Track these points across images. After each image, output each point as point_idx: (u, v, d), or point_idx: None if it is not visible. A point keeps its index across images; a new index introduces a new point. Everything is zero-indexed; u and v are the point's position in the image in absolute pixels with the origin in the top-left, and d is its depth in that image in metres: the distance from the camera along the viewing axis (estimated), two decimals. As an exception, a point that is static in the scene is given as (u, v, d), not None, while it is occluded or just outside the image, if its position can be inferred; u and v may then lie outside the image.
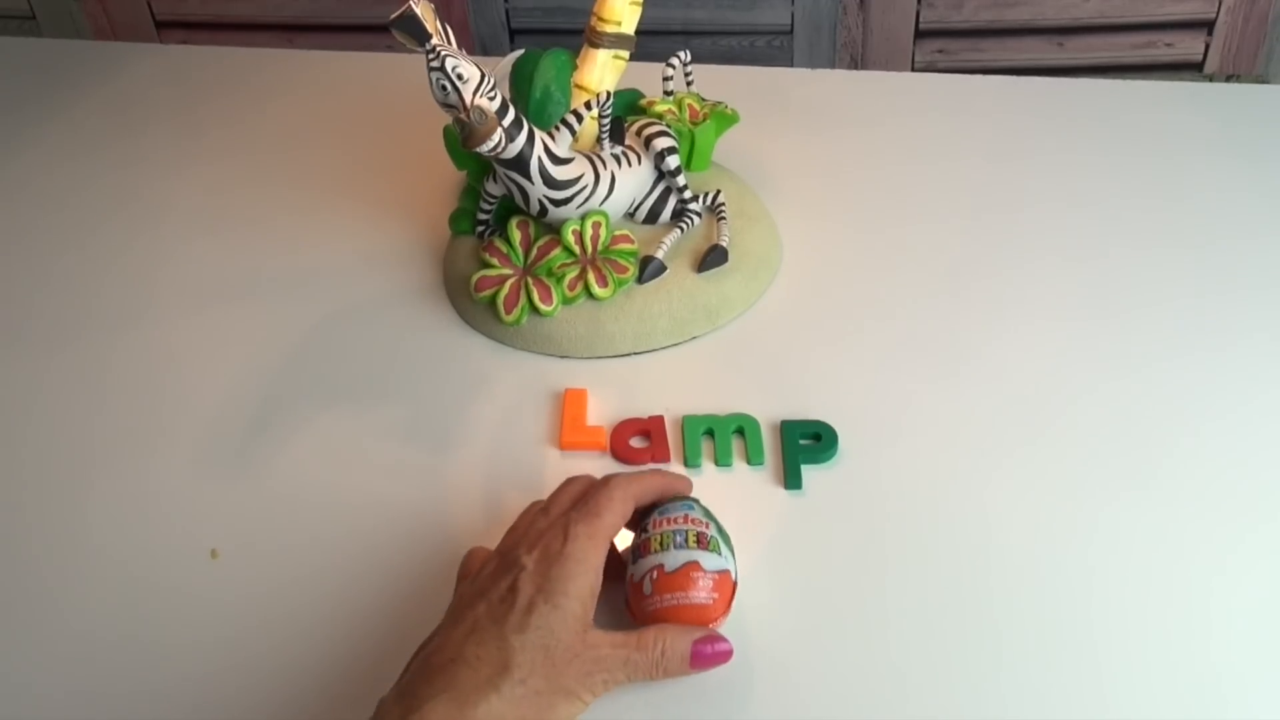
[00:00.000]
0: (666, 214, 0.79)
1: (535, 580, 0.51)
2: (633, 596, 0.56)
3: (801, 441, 0.67)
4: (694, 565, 0.54)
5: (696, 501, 0.58)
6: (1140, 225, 0.84)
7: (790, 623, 0.58)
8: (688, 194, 0.78)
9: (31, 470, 0.69)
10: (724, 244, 0.77)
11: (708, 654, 0.53)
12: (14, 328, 0.80)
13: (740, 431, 0.68)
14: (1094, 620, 0.58)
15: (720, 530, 0.57)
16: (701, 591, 0.54)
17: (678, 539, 0.55)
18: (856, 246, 0.83)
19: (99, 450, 0.70)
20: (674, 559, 0.54)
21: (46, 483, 0.68)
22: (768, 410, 0.69)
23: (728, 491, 0.65)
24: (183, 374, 0.75)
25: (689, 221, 0.78)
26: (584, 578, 0.52)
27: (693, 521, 0.56)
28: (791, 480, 0.65)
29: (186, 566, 0.63)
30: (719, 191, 0.81)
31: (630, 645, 0.52)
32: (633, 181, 0.77)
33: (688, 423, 0.69)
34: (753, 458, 0.67)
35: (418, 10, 0.64)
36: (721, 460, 0.67)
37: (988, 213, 0.85)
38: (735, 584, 0.56)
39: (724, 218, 0.79)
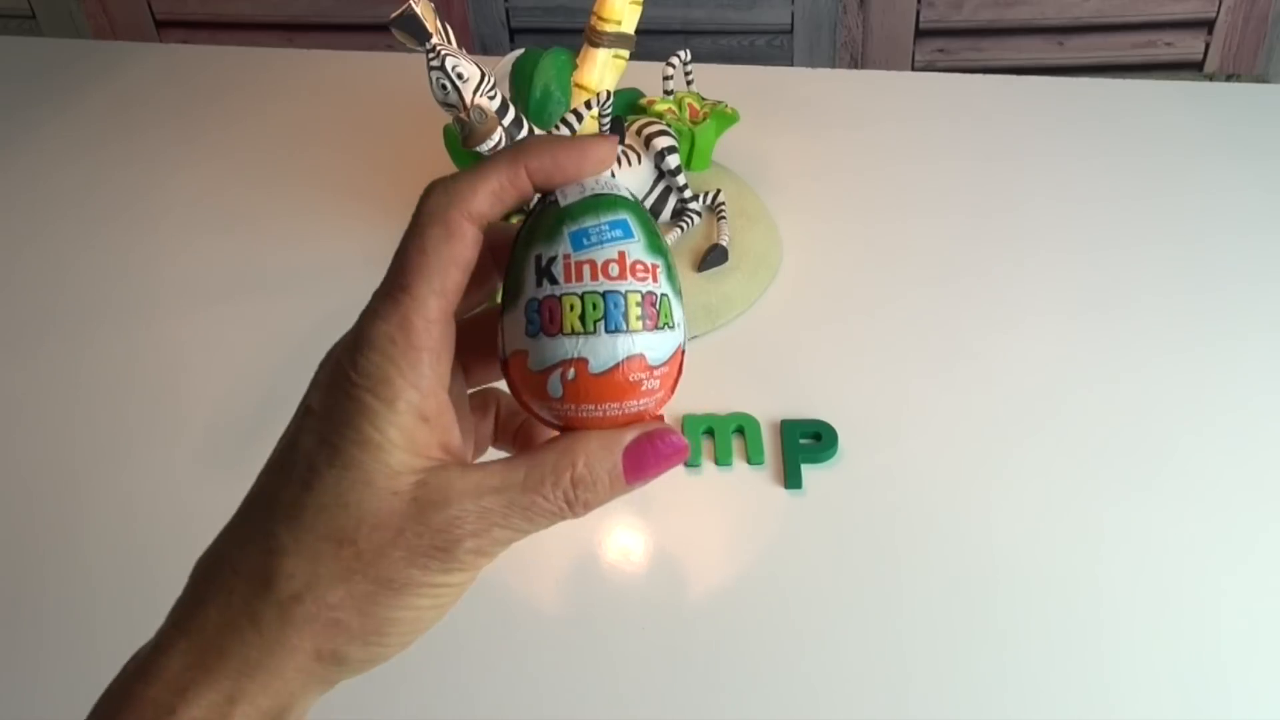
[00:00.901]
0: (666, 213, 0.79)
1: (317, 421, 0.32)
2: (524, 390, 0.34)
3: (801, 441, 0.67)
4: (637, 361, 0.33)
5: (626, 202, 0.34)
6: (1140, 224, 0.84)
7: (791, 622, 0.58)
8: (688, 193, 0.78)
9: (31, 469, 0.69)
10: (724, 243, 0.77)
11: (649, 457, 0.34)
12: (14, 326, 0.80)
13: (740, 431, 0.68)
14: (1096, 618, 0.58)
15: (668, 266, 0.34)
16: (645, 395, 0.33)
17: (611, 309, 0.32)
18: (856, 246, 0.83)
19: (99, 449, 0.70)
20: (605, 350, 0.32)
21: (46, 482, 0.68)
22: (768, 410, 0.69)
23: (728, 491, 0.65)
24: (183, 373, 0.75)
25: (689, 221, 0.78)
26: (396, 391, 0.31)
27: (636, 269, 0.33)
28: (791, 480, 0.65)
29: (187, 567, 0.63)
30: (719, 191, 0.81)
31: (515, 481, 0.32)
32: (633, 181, 0.77)
33: (688, 422, 0.69)
34: (753, 457, 0.67)
35: (418, 10, 0.64)
36: (721, 460, 0.67)
37: (988, 212, 0.85)
38: (684, 351, 0.35)
39: (724, 217, 0.79)
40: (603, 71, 0.79)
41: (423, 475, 0.31)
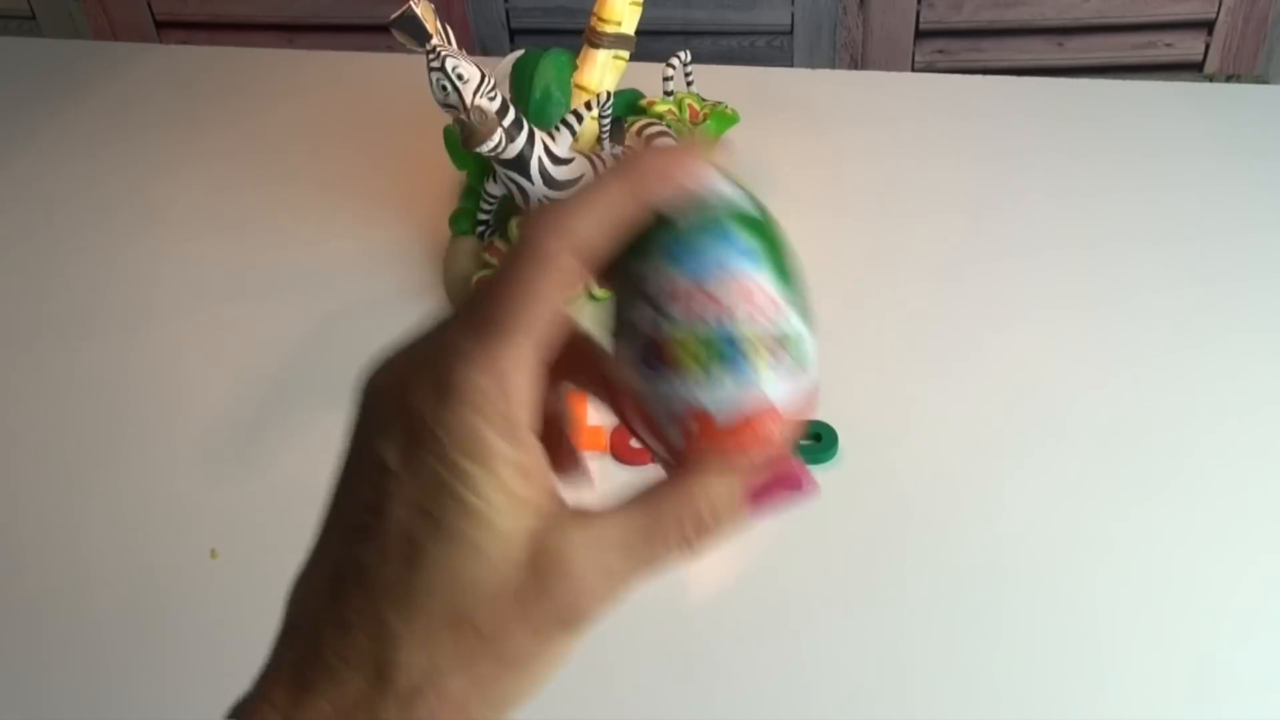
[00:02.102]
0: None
1: (406, 488, 0.28)
2: (642, 431, 0.31)
3: (801, 441, 0.67)
4: (769, 414, 0.29)
5: (754, 220, 0.30)
6: (1141, 226, 0.84)
7: (790, 623, 0.58)
8: (688, 194, 0.78)
9: (31, 469, 0.69)
10: (724, 244, 0.77)
11: (774, 493, 0.31)
12: (13, 327, 0.80)
13: (740, 431, 0.68)
14: (1099, 618, 0.58)
15: (800, 298, 0.30)
16: (774, 444, 0.30)
17: (729, 348, 0.28)
18: (856, 246, 0.83)
19: (99, 450, 0.70)
20: (726, 395, 0.28)
21: (46, 482, 0.68)
22: (768, 410, 0.69)
23: (728, 491, 0.65)
24: (183, 374, 0.75)
25: (689, 221, 0.78)
26: (494, 451, 0.28)
27: (765, 305, 0.29)
28: (791, 480, 0.65)
29: (186, 566, 0.63)
30: (719, 192, 0.81)
31: (637, 535, 0.29)
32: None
33: (688, 423, 0.68)
34: (753, 458, 0.67)
35: (418, 10, 0.64)
36: (721, 460, 0.67)
37: (988, 213, 0.85)
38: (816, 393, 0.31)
39: (724, 218, 0.79)
40: (603, 72, 0.79)
41: (537, 538, 0.28)
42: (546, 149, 0.72)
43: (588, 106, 0.74)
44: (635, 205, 0.29)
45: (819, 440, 0.67)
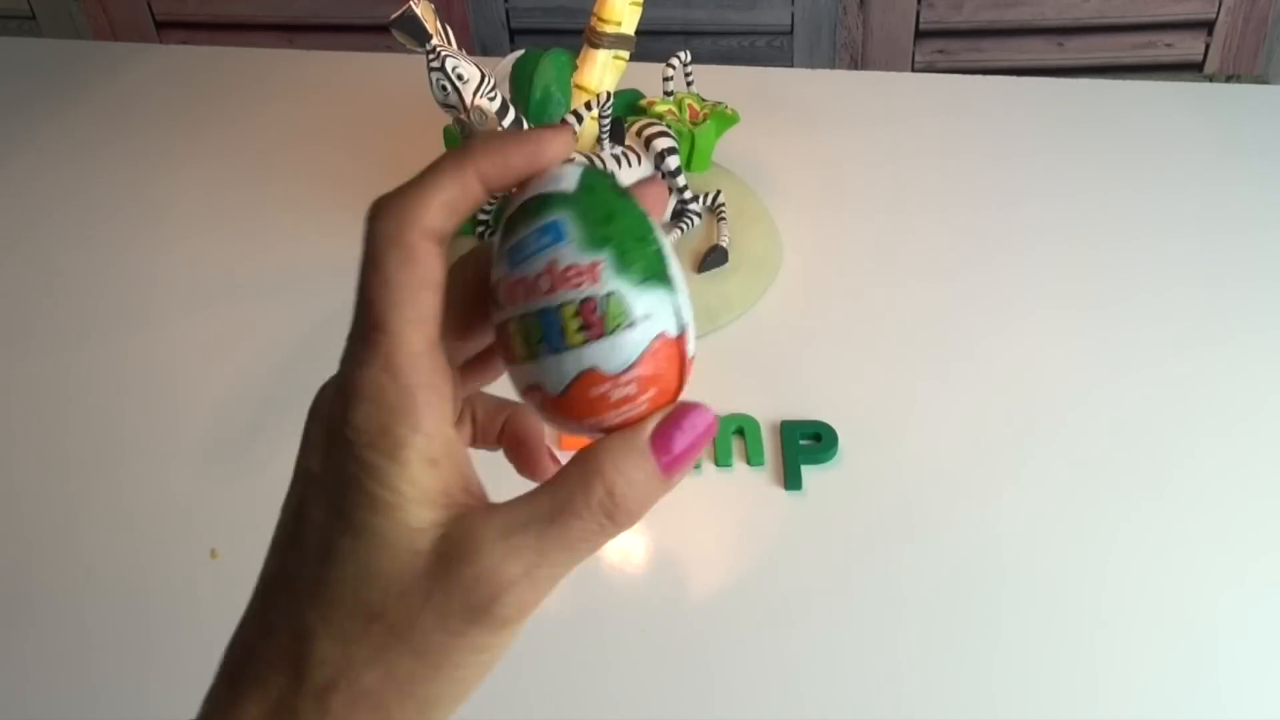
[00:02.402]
0: (666, 214, 0.79)
1: (321, 488, 0.29)
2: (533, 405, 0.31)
3: (801, 441, 0.67)
4: (590, 376, 0.29)
5: (562, 198, 0.30)
6: (1141, 226, 0.84)
7: (790, 623, 0.58)
8: (688, 194, 0.78)
9: (31, 469, 0.69)
10: (724, 244, 0.77)
11: (677, 439, 0.30)
12: (13, 327, 0.80)
13: (740, 432, 0.68)
14: (1099, 620, 0.58)
15: (621, 255, 0.29)
16: (623, 404, 0.30)
17: (547, 329, 0.29)
18: (857, 247, 0.83)
19: (99, 449, 0.70)
20: (554, 372, 0.29)
21: (46, 482, 0.68)
22: (768, 410, 0.69)
23: (727, 492, 0.65)
24: (182, 374, 0.75)
25: (689, 222, 0.78)
26: (398, 441, 0.28)
27: (569, 276, 0.29)
28: (791, 480, 0.65)
29: (186, 566, 0.63)
30: (719, 192, 0.81)
31: (543, 510, 0.28)
32: (633, 182, 0.77)
33: (688, 423, 0.68)
34: (753, 458, 0.67)
35: (418, 10, 0.64)
36: (721, 460, 0.67)
37: (988, 213, 0.85)
38: (685, 339, 0.31)
39: (724, 218, 0.79)
40: (603, 72, 0.79)
41: (444, 527, 0.28)
42: (546, 149, 0.71)
43: (588, 106, 0.74)
44: (472, 189, 0.30)
45: (819, 440, 0.67)
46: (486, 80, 0.67)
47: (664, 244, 0.30)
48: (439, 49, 0.65)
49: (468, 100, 0.66)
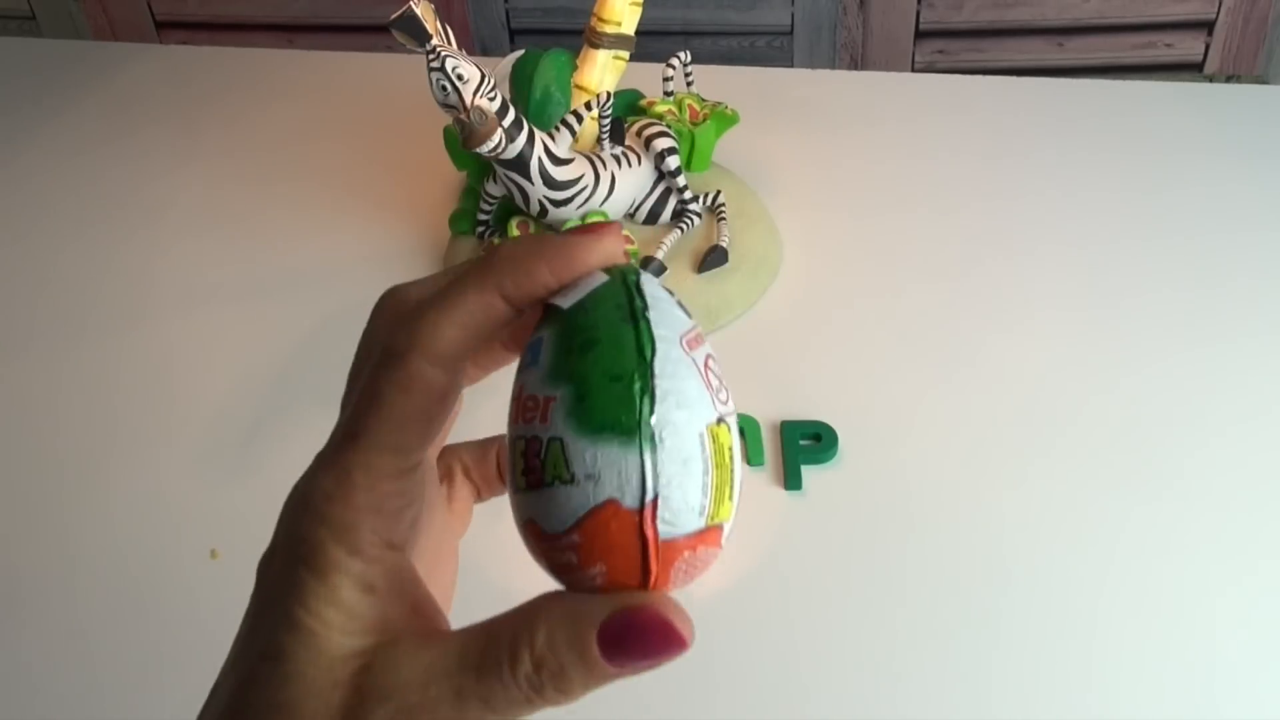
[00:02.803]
0: (666, 214, 0.79)
1: (255, 598, 0.28)
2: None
3: (801, 441, 0.67)
4: (530, 528, 0.26)
5: (557, 312, 0.27)
6: (1140, 226, 0.84)
7: (790, 623, 0.58)
8: (688, 194, 0.78)
9: (30, 469, 0.69)
10: (724, 244, 0.77)
11: (629, 639, 0.26)
12: (13, 327, 0.80)
13: (740, 432, 0.68)
14: (1099, 620, 0.58)
15: (583, 393, 0.25)
16: (566, 572, 0.26)
17: (511, 459, 0.26)
18: (856, 247, 0.83)
19: (98, 449, 0.70)
20: (511, 506, 0.27)
21: (45, 482, 0.68)
22: (768, 410, 0.69)
23: (728, 492, 0.65)
24: (182, 374, 0.75)
25: (689, 222, 0.78)
26: (331, 562, 0.26)
27: (526, 409, 0.26)
28: (791, 480, 0.65)
29: (186, 566, 0.63)
30: (719, 192, 0.81)
31: (470, 661, 0.25)
32: (633, 182, 0.77)
33: (688, 423, 0.68)
34: (753, 458, 0.67)
35: (418, 10, 0.64)
36: (721, 460, 0.67)
37: (987, 213, 0.85)
38: (648, 515, 0.25)
39: (724, 218, 0.79)
40: (603, 73, 0.79)
41: (368, 657, 0.25)
42: (546, 149, 0.72)
43: (588, 107, 0.74)
44: (496, 309, 0.27)
45: (819, 441, 0.67)
46: (486, 80, 0.67)
47: (662, 388, 0.25)
48: (439, 49, 0.65)
49: (468, 100, 0.66)
